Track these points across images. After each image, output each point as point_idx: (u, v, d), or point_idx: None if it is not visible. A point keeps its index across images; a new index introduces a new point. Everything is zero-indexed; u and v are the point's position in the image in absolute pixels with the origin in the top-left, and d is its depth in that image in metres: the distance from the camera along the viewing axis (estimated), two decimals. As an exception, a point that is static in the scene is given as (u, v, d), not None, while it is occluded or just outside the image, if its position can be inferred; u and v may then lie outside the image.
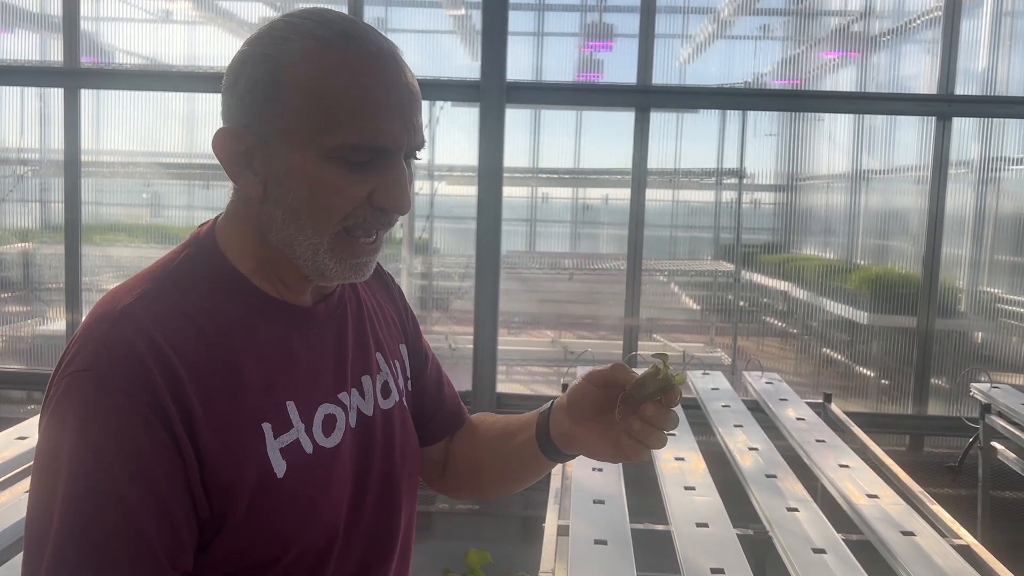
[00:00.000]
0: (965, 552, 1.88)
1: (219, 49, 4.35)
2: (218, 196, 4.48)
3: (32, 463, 0.81)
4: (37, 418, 0.80)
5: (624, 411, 0.90)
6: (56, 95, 4.11)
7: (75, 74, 4.05)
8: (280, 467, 0.84)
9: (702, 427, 2.78)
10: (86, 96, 4.10)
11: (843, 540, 1.91)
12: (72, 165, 4.09)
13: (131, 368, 0.77)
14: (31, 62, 4.32)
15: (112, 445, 0.75)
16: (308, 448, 0.87)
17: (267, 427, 0.84)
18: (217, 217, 0.93)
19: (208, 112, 4.35)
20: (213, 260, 0.88)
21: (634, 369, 0.92)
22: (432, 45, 4.38)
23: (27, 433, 2.42)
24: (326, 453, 0.88)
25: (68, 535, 0.74)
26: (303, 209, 0.83)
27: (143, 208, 4.56)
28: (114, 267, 4.40)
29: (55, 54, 4.18)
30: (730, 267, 4.59)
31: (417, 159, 0.89)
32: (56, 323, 4.27)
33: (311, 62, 0.81)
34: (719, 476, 2.28)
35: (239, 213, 0.89)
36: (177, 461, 0.78)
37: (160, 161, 4.44)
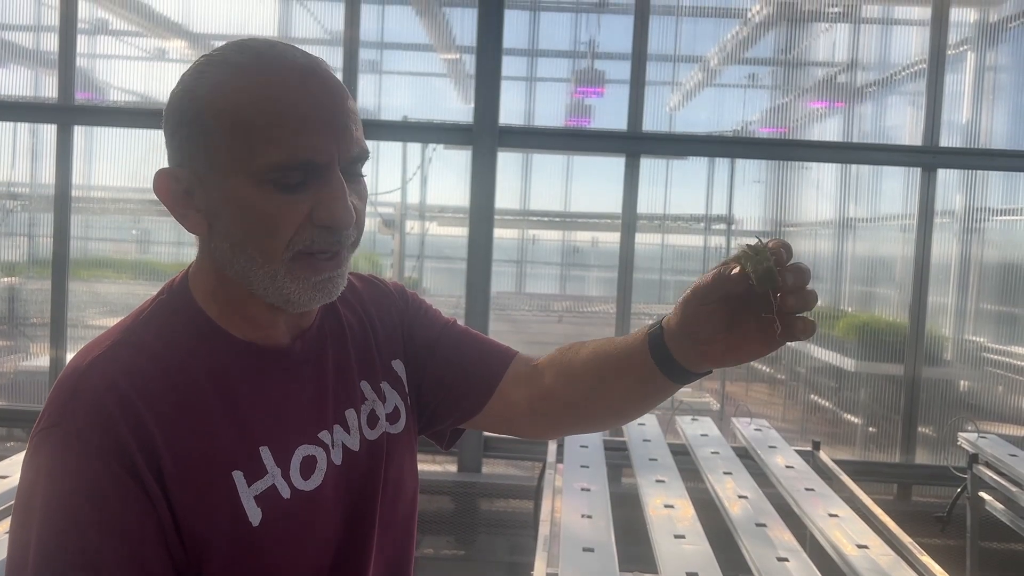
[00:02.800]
0: (956, 605, 1.87)
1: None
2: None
3: (12, 504, 0.80)
4: (20, 456, 0.78)
5: (767, 310, 0.81)
6: (48, 130, 4.12)
7: (70, 110, 4.06)
8: (255, 515, 0.82)
9: (691, 473, 2.76)
10: (77, 131, 4.11)
11: (834, 592, 1.89)
12: (62, 200, 4.08)
13: (98, 423, 0.77)
14: (25, 98, 4.33)
15: (82, 501, 0.75)
16: (285, 493, 0.85)
17: (239, 475, 0.82)
18: (188, 267, 0.92)
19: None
20: (185, 306, 0.88)
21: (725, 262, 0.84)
22: (425, 88, 4.43)
23: (8, 472, 2.38)
24: (305, 496, 0.87)
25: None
26: (248, 239, 0.82)
27: (131, 244, 4.54)
28: (101, 303, 4.37)
29: (49, 90, 4.20)
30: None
31: (363, 174, 0.86)
32: (40, 359, 4.23)
33: (227, 88, 0.80)
34: (708, 524, 2.26)
35: (201, 256, 0.89)
36: (150, 511, 0.77)
37: (149, 198, 4.44)
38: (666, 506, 2.38)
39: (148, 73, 4.55)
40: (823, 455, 3.01)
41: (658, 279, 4.83)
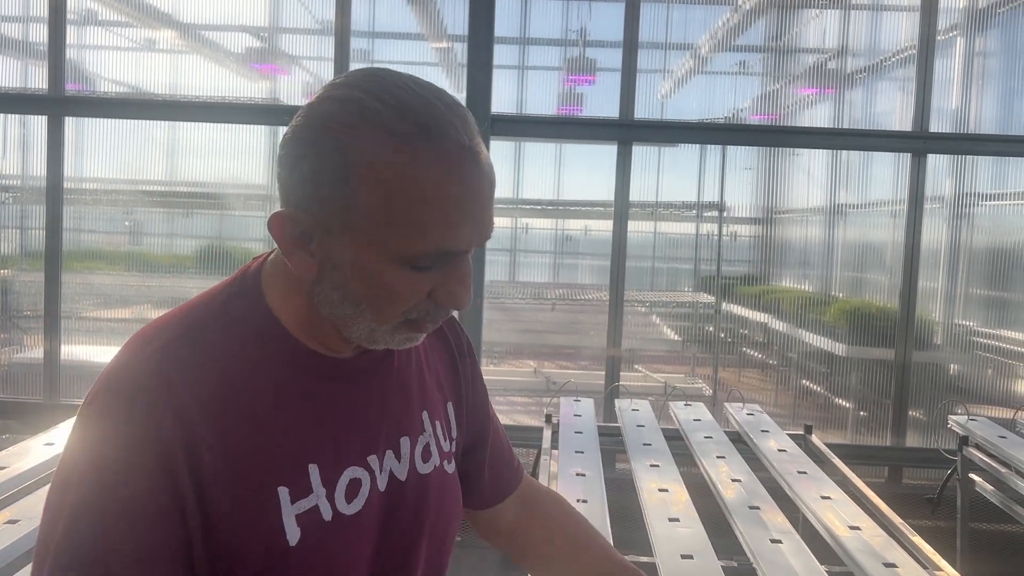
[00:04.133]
0: (946, 584, 1.90)
1: (203, 79, 4.37)
2: (198, 224, 4.47)
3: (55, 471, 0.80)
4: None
5: None
6: (38, 122, 4.10)
7: (60, 102, 4.05)
8: (294, 535, 0.79)
9: (685, 458, 2.79)
10: (68, 123, 4.09)
11: (826, 572, 1.92)
12: (54, 192, 4.07)
13: (145, 419, 0.75)
14: (15, 89, 4.31)
15: (113, 496, 0.73)
16: (327, 515, 0.82)
17: (284, 491, 0.80)
18: (268, 255, 0.89)
19: (190, 140, 4.35)
20: (253, 304, 0.85)
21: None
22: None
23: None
24: (345, 520, 0.84)
25: (64, 564, 0.73)
26: (363, 300, 0.80)
27: (123, 236, 4.53)
28: (94, 294, 4.37)
29: (38, 81, 4.18)
30: (710, 299, 4.63)
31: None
32: (34, 351, 4.22)
33: (384, 164, 0.74)
34: (702, 507, 2.29)
35: (289, 269, 0.83)
36: (176, 523, 0.75)
37: (141, 189, 4.43)
38: (660, 490, 2.40)
39: (137, 64, 4.52)
40: (815, 439, 3.04)
41: (650, 267, 4.84)
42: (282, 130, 4.09)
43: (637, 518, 2.26)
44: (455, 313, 1.04)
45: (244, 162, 4.33)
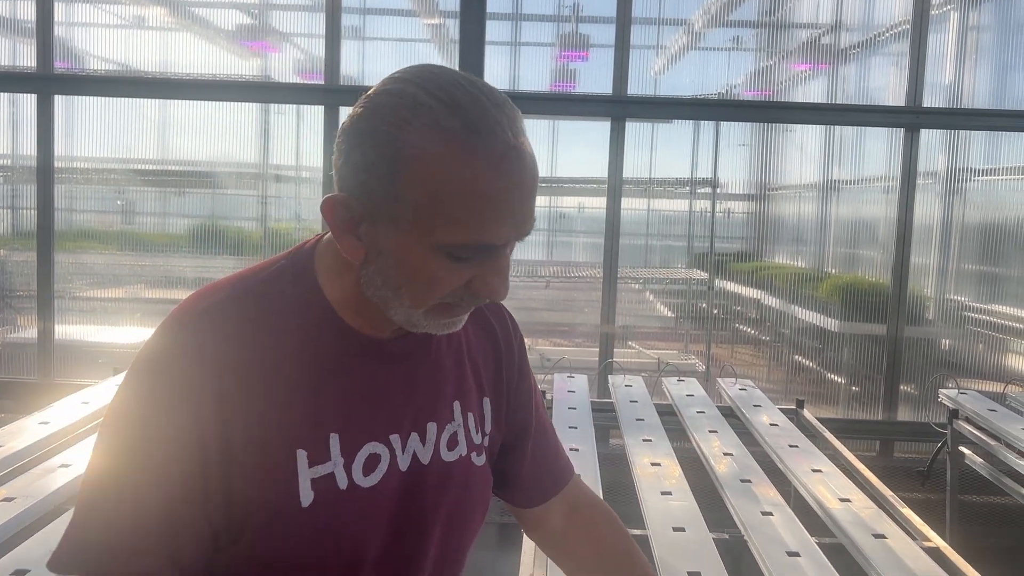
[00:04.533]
0: (935, 554, 1.92)
1: (193, 56, 4.34)
2: (191, 203, 4.46)
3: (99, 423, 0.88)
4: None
5: None
6: (28, 100, 4.07)
7: (49, 80, 4.02)
8: (307, 497, 0.84)
9: (677, 433, 2.81)
10: (58, 102, 4.07)
11: (816, 543, 1.94)
12: (44, 171, 4.05)
13: (182, 380, 0.81)
14: (2, 67, 4.28)
15: (148, 444, 0.80)
16: (343, 484, 0.86)
17: (302, 454, 0.84)
18: (323, 235, 0.92)
19: (181, 118, 4.33)
20: (303, 279, 0.89)
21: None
22: (409, 54, 4.39)
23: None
24: (360, 492, 0.87)
25: (90, 504, 0.82)
26: (403, 286, 0.83)
27: (116, 215, 4.52)
28: (87, 274, 4.36)
29: (26, 59, 4.14)
30: (704, 275, 4.64)
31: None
32: (27, 331, 4.22)
33: (430, 159, 0.78)
34: (695, 481, 2.31)
35: (342, 257, 0.88)
36: (198, 475, 0.81)
37: (133, 168, 4.41)
38: (653, 464, 2.42)
39: (127, 41, 4.49)
40: (807, 413, 3.06)
41: (644, 244, 4.85)
42: (273, 107, 4.06)
43: (630, 492, 2.29)
44: (505, 312, 1.09)
45: (236, 140, 4.31)
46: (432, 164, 0.78)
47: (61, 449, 2.37)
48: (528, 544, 1.91)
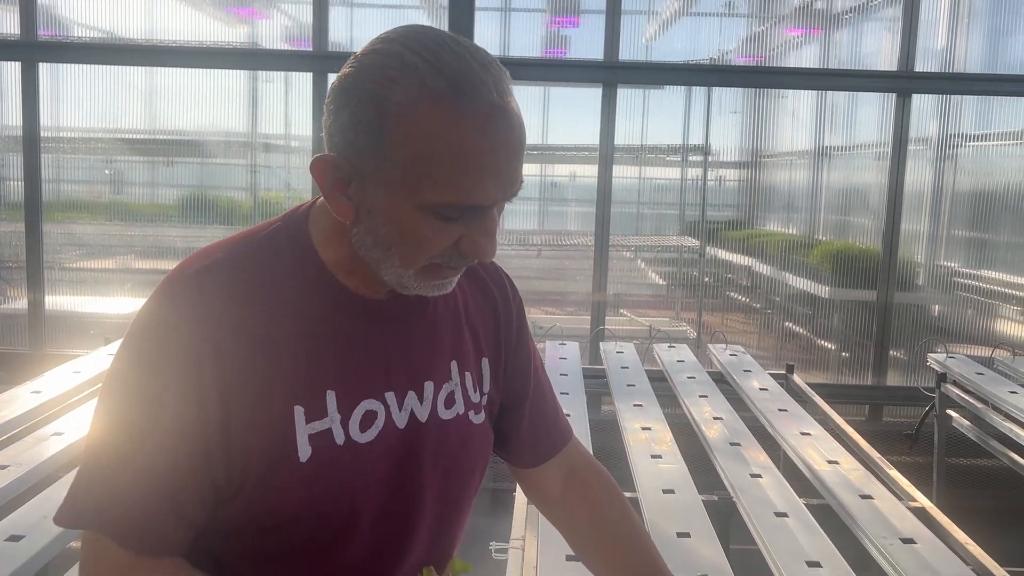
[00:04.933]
0: (920, 514, 1.95)
1: (179, 23, 4.28)
2: (180, 173, 4.43)
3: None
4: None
5: None
6: (12, 68, 4.02)
7: (33, 47, 3.96)
8: (305, 452, 0.85)
9: (668, 399, 2.83)
10: (42, 70, 4.02)
11: (804, 504, 1.97)
12: (31, 141, 4.01)
13: (181, 336, 0.83)
14: (-14, 35, 4.22)
15: (149, 404, 0.82)
16: (339, 439, 0.87)
17: (299, 410, 0.85)
18: (317, 199, 0.93)
19: (168, 86, 4.29)
20: (298, 240, 0.90)
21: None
22: (398, 20, 4.35)
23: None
24: (357, 447, 0.89)
25: (94, 462, 0.84)
26: (393, 246, 0.84)
27: (104, 185, 4.48)
28: (76, 244, 4.34)
29: (10, 26, 4.08)
30: (695, 243, 4.64)
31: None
32: (18, 302, 4.21)
33: (417, 117, 0.79)
34: (685, 445, 2.33)
35: (334, 219, 0.89)
36: (199, 432, 0.82)
37: (121, 137, 4.37)
38: (644, 429, 2.45)
39: (112, 8, 4.42)
40: (796, 378, 3.09)
41: (636, 212, 4.84)
42: (261, 75, 4.02)
43: (621, 456, 2.31)
44: (504, 276, 1.09)
45: (224, 109, 4.27)
46: (418, 123, 0.79)
47: (54, 418, 2.38)
48: (520, 507, 1.93)
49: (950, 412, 3.32)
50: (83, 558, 0.85)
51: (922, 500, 2.05)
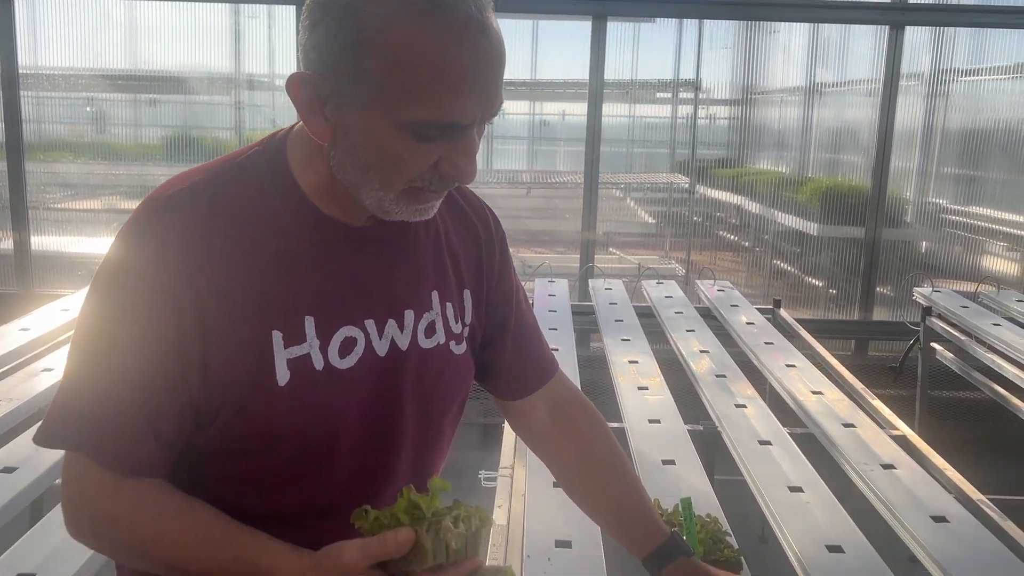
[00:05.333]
0: (902, 442, 1.99)
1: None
2: (164, 112, 4.36)
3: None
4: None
5: None
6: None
7: (7, -19, 3.86)
8: (283, 377, 0.85)
9: (656, 334, 2.85)
10: (18, 5, 3.92)
11: (788, 433, 2.00)
12: (9, 80, 3.94)
13: (158, 257, 0.83)
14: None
15: (127, 322, 0.83)
16: (319, 365, 0.87)
17: (278, 335, 0.85)
18: (295, 124, 0.92)
19: (149, 22, 4.19)
20: (276, 165, 0.89)
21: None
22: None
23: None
24: (336, 373, 0.88)
25: (73, 385, 0.85)
26: (371, 166, 0.83)
27: (87, 125, 4.42)
28: (60, 184, 4.29)
29: (-16, -40, 3.97)
30: (685, 180, 4.63)
31: (491, 123, 0.86)
32: (4, 243, 4.17)
33: (394, 31, 0.77)
34: (671, 379, 2.36)
35: (312, 141, 0.87)
36: (176, 354, 0.83)
37: (102, 74, 4.29)
38: (631, 362, 2.47)
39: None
40: (783, 313, 3.11)
41: (626, 151, 4.81)
42: (244, 9, 3.92)
43: (608, 391, 2.33)
44: (487, 208, 1.08)
45: (206, 45, 4.19)
46: (395, 37, 0.77)
47: (43, 355, 2.39)
48: (508, 438, 1.96)
49: (934, 345, 3.36)
50: (65, 478, 0.86)
51: (904, 429, 2.08)
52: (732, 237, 4.80)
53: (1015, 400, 2.87)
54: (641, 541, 1.12)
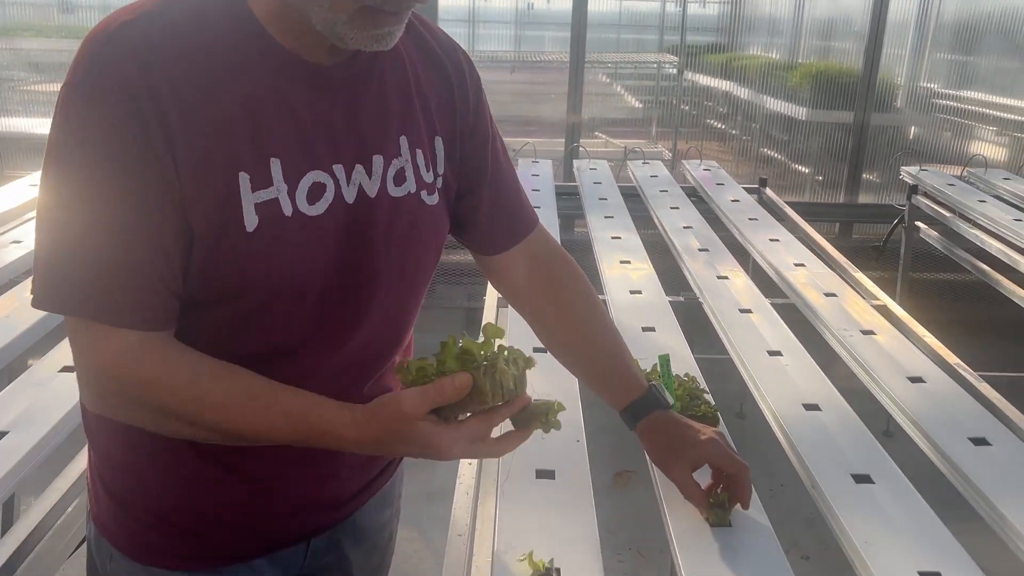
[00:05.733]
0: (883, 311, 1.99)
1: None
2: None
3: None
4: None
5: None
6: None
7: None
8: (252, 221, 0.82)
9: (643, 218, 2.80)
10: None
11: (769, 303, 2.00)
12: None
13: (119, 86, 0.76)
14: None
15: (102, 161, 0.77)
16: (287, 211, 0.84)
17: (244, 177, 0.81)
18: None
19: None
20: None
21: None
22: None
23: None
24: (305, 219, 0.86)
25: (63, 249, 0.78)
26: None
27: (52, 8, 4.23)
28: (27, 64, 4.15)
29: None
30: (674, 59, 4.51)
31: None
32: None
33: None
34: (655, 256, 2.33)
35: None
36: (164, 180, 0.78)
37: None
38: (613, 238, 2.45)
39: None
40: (769, 192, 3.08)
41: (616, 37, 4.67)
42: None
43: (592, 274, 2.31)
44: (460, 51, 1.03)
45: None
46: None
47: (13, 229, 2.34)
48: (489, 307, 1.95)
49: (919, 224, 3.34)
50: (79, 348, 0.82)
51: (885, 299, 2.09)
52: (720, 125, 4.73)
53: (997, 276, 2.88)
54: (618, 393, 1.12)
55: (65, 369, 1.54)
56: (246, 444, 0.87)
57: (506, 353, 0.83)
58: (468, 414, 0.83)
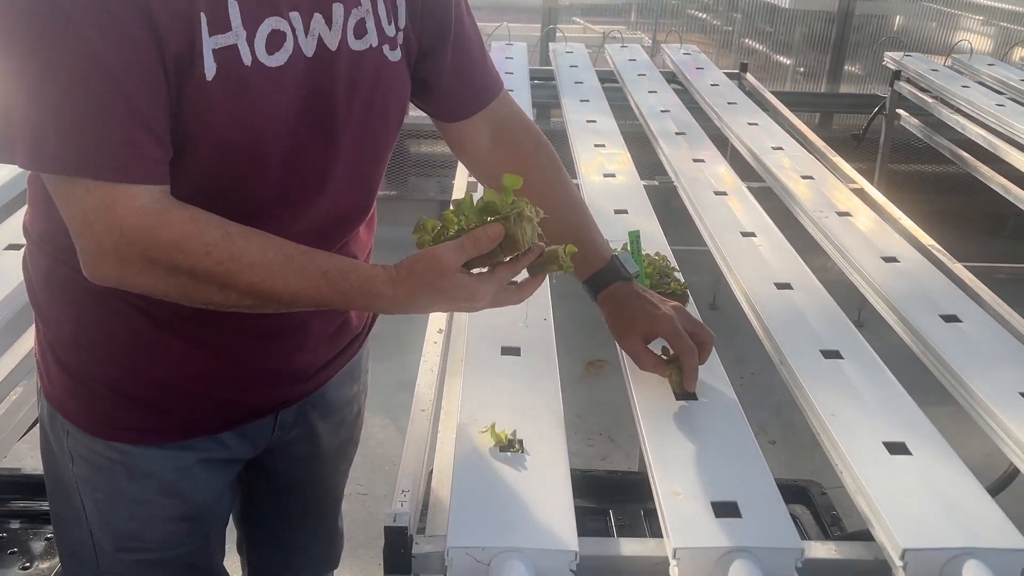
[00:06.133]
0: (860, 194, 1.95)
1: None
2: None
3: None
4: None
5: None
6: None
7: None
8: (211, 69, 0.79)
9: (623, 108, 2.69)
10: None
11: (746, 187, 1.95)
12: None
13: None
14: None
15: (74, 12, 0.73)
16: (247, 60, 0.81)
17: (203, 17, 0.78)
18: None
19: None
20: None
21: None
22: None
23: None
24: (265, 70, 0.82)
25: (46, 106, 0.74)
26: None
27: None
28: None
29: None
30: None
31: None
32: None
33: None
34: (631, 141, 2.25)
35: None
36: (136, 7, 0.75)
37: None
38: (588, 121, 2.37)
39: None
40: (750, 77, 2.99)
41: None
42: None
43: (568, 164, 2.23)
44: None
45: None
46: None
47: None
48: (460, 183, 1.89)
49: (900, 111, 3.28)
50: (83, 214, 0.77)
51: (862, 183, 2.05)
52: (702, 15, 4.57)
53: (977, 164, 2.84)
54: (581, 264, 1.08)
55: (11, 247, 1.48)
56: (276, 310, 0.84)
57: (524, 203, 0.84)
58: (485, 268, 0.85)
